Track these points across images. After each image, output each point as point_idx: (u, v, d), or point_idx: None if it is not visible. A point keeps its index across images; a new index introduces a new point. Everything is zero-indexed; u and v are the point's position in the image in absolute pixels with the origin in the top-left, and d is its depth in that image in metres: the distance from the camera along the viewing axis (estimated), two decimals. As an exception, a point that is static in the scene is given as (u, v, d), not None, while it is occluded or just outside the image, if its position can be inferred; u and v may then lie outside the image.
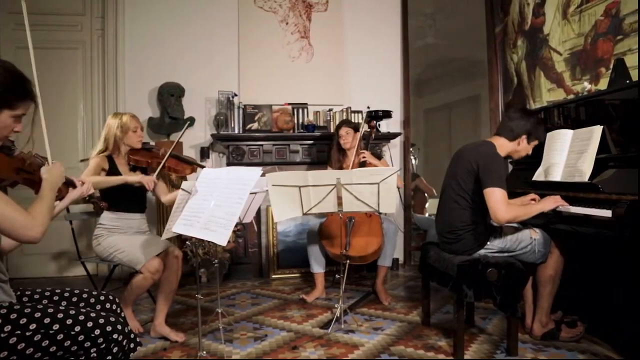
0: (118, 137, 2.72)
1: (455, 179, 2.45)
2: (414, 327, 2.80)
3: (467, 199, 2.39)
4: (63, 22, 4.20)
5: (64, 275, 4.21)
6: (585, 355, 2.32)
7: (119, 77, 4.14)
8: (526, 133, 2.42)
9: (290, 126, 4.21)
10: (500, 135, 2.47)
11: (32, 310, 1.32)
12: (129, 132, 2.74)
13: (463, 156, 2.46)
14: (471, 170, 2.36)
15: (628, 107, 2.27)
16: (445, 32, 5.37)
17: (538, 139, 2.49)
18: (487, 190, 2.24)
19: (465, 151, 2.50)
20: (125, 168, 2.79)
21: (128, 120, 2.75)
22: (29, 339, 1.27)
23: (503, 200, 2.22)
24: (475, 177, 2.34)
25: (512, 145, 2.44)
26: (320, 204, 2.74)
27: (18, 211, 1.30)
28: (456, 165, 2.49)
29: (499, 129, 2.51)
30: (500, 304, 2.27)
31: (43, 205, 1.41)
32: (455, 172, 2.48)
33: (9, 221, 1.28)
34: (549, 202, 2.30)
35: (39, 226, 1.33)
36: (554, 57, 3.48)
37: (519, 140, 2.43)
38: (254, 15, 4.36)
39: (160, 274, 2.53)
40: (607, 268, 2.42)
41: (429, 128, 6.61)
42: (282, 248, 4.19)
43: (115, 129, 2.72)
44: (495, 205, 2.21)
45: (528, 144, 2.45)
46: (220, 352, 2.45)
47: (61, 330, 1.31)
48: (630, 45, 2.78)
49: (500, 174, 2.27)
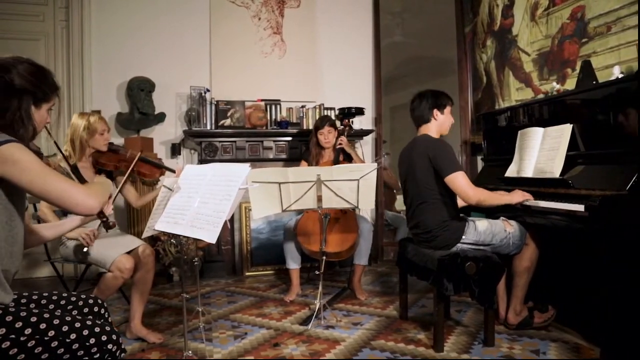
0: (84, 139, 2.57)
1: (414, 181, 2.53)
2: (393, 321, 2.85)
3: (434, 196, 2.46)
4: (24, 12, 4.01)
5: (29, 277, 4.02)
6: (556, 343, 2.43)
7: (85, 71, 3.99)
8: (433, 107, 2.57)
9: (264, 122, 4.18)
10: (420, 126, 2.63)
11: (28, 315, 1.26)
12: (95, 135, 2.59)
13: (409, 157, 2.58)
14: (425, 165, 2.46)
15: (596, 106, 2.39)
16: (412, 31, 5.47)
17: (447, 104, 2.62)
18: (449, 178, 2.37)
19: (408, 152, 2.62)
20: (90, 172, 2.63)
21: (96, 122, 2.59)
22: (23, 344, 1.22)
23: (467, 182, 2.36)
24: (432, 170, 2.44)
25: (433, 124, 2.60)
26: (299, 201, 2.74)
27: (75, 184, 1.35)
28: (407, 168, 2.59)
29: (416, 123, 2.66)
30: (478, 297, 2.34)
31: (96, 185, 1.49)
32: (411, 173, 2.56)
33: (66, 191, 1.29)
34: (517, 195, 2.42)
35: (95, 197, 1.33)
36: (522, 58, 3.61)
37: (433, 116, 2.58)
38: (226, 9, 4.30)
39: (130, 272, 2.41)
40: (576, 259, 2.54)
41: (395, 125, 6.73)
42: (256, 245, 4.16)
43: (81, 130, 2.56)
44: (461, 188, 2.36)
45: (443, 114, 2.59)
46: (201, 351, 2.41)
47: (56, 337, 1.26)
48: (595, 48, 2.91)
49: (452, 157, 2.41)
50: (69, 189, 1.28)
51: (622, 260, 1.96)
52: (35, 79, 1.37)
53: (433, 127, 2.59)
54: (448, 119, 2.62)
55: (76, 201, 1.29)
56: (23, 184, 1.26)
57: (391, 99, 5.97)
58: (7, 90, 1.33)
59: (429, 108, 2.57)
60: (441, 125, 2.60)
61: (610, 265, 2.01)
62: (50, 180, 1.27)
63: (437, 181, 2.44)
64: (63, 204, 1.29)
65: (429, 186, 2.46)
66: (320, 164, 3.48)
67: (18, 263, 1.40)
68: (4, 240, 1.32)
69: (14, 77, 1.33)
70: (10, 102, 1.33)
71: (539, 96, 3.37)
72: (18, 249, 1.39)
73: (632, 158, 2.07)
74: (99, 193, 1.38)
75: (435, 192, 2.45)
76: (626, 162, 2.10)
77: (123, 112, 4.01)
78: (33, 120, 1.39)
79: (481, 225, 2.47)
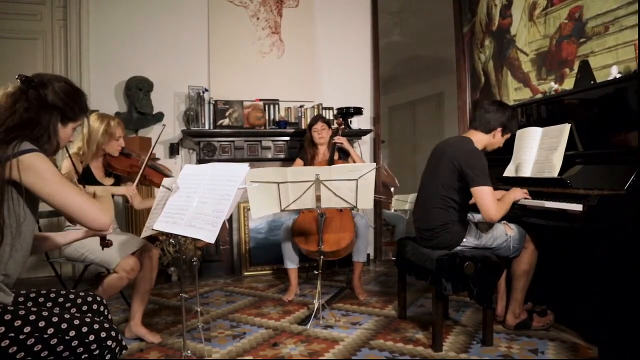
0: (100, 143, 2.55)
1: (436, 178, 2.47)
2: (391, 320, 2.85)
3: (448, 199, 2.42)
4: (21, 11, 3.99)
5: (27, 277, 4.01)
6: (554, 342, 2.44)
7: (82, 70, 3.97)
8: (501, 125, 2.48)
9: (262, 122, 4.18)
10: (476, 129, 2.51)
11: (27, 313, 1.26)
12: (112, 140, 2.58)
13: (443, 154, 2.47)
14: (453, 169, 2.38)
15: (594, 106, 2.39)
16: (411, 31, 5.48)
17: (511, 131, 2.56)
18: (475, 190, 2.28)
19: (444, 149, 2.50)
20: (101, 172, 2.64)
21: (115, 127, 2.58)
22: (22, 343, 1.22)
23: (493, 198, 2.27)
24: (458, 176, 2.37)
25: (488, 138, 2.50)
26: (298, 200, 2.73)
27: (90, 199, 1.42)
28: (437, 164, 2.50)
29: (474, 123, 2.54)
30: (476, 296, 2.35)
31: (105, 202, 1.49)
32: (435, 170, 2.50)
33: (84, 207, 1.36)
34: (518, 192, 2.41)
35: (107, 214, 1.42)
36: (520, 58, 3.61)
37: (494, 133, 2.49)
38: (224, 9, 4.29)
39: (135, 273, 2.41)
40: (574, 259, 2.55)
41: (393, 125, 6.74)
42: (254, 245, 4.16)
43: (100, 134, 2.54)
44: (487, 205, 2.26)
45: (502, 136, 2.52)
46: (200, 351, 2.41)
47: (55, 335, 1.26)
48: (593, 48, 2.92)
49: (485, 171, 2.30)
50: (87, 205, 1.36)
51: (620, 259, 1.96)
52: (67, 98, 1.43)
53: (484, 139, 2.49)
54: (499, 143, 2.54)
55: (93, 217, 1.37)
56: (43, 195, 1.32)
57: (389, 98, 5.98)
58: (40, 104, 1.39)
59: (498, 123, 2.46)
60: (491, 144, 2.52)
61: (608, 265, 2.02)
62: (71, 195, 1.34)
63: (457, 187, 2.39)
64: (80, 218, 1.36)
65: (448, 187, 2.41)
66: (316, 162, 3.49)
67: (20, 269, 1.41)
68: (9, 245, 1.33)
69: (48, 93, 1.40)
70: (42, 116, 1.39)
71: (537, 96, 3.38)
72: (22, 255, 1.39)
73: (630, 157, 2.08)
74: (108, 210, 1.46)
75: (450, 194, 2.41)
76: (624, 162, 2.11)
77: (121, 112, 4.00)
78: (58, 137, 1.45)
79: (483, 229, 2.47)
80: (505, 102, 2.56)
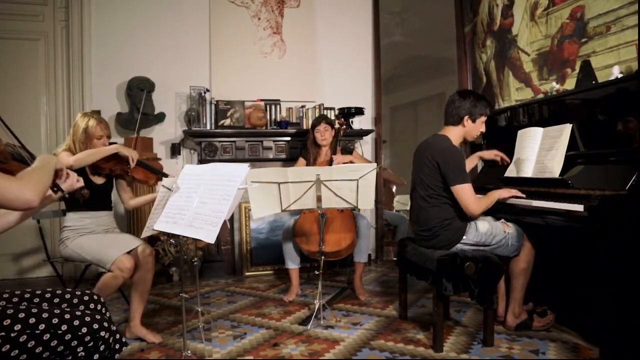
0: (81, 141, 2.54)
1: (420, 178, 2.53)
2: (392, 321, 2.85)
3: (438, 196, 2.46)
4: (23, 11, 4.00)
5: (26, 277, 4.02)
6: (555, 343, 2.43)
7: (84, 71, 3.98)
8: (468, 113, 2.50)
9: (263, 122, 4.18)
10: (447, 124, 2.57)
11: (16, 312, 1.26)
12: (93, 140, 2.55)
13: (422, 155, 2.54)
14: (433, 168, 2.45)
15: (596, 106, 2.38)
16: (412, 31, 5.47)
17: (482, 114, 2.54)
18: (455, 188, 2.37)
19: (422, 149, 2.57)
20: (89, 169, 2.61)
21: (93, 127, 2.54)
22: (14, 341, 1.22)
23: (472, 195, 2.36)
24: (439, 174, 2.43)
25: (460, 129, 2.54)
26: (299, 200, 2.73)
27: (5, 177, 1.14)
28: (421, 164, 2.56)
29: (445, 119, 2.59)
30: (477, 297, 2.34)
31: (32, 171, 1.23)
32: (419, 171, 2.56)
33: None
34: (504, 191, 2.45)
35: (31, 188, 1.16)
36: (522, 58, 3.60)
37: (463, 122, 2.52)
38: (225, 9, 4.29)
39: (130, 272, 2.40)
40: (575, 259, 2.54)
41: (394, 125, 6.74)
42: (255, 245, 4.16)
43: (80, 132, 2.54)
44: (466, 202, 2.36)
45: (474, 123, 2.53)
46: (200, 351, 2.41)
47: (47, 331, 1.26)
48: (594, 48, 2.91)
49: (461, 168, 2.39)
50: (3, 185, 1.10)
51: (622, 260, 1.96)
52: None
53: (458, 131, 2.53)
54: (477, 128, 2.54)
55: (8, 197, 1.11)
56: None
57: (391, 98, 5.98)
58: None
59: (462, 112, 2.49)
60: (467, 132, 2.54)
61: (609, 265, 2.01)
62: None
63: (443, 183, 2.44)
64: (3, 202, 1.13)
65: (434, 186, 2.46)
66: (318, 162, 3.49)
67: None
68: None
69: None
70: None
71: (538, 96, 3.37)
72: None
73: (632, 158, 2.07)
74: (34, 180, 1.20)
75: (440, 191, 2.46)
76: (626, 162, 2.10)
77: (123, 112, 4.01)
78: None
79: (482, 226, 2.48)
80: (469, 90, 2.57)
